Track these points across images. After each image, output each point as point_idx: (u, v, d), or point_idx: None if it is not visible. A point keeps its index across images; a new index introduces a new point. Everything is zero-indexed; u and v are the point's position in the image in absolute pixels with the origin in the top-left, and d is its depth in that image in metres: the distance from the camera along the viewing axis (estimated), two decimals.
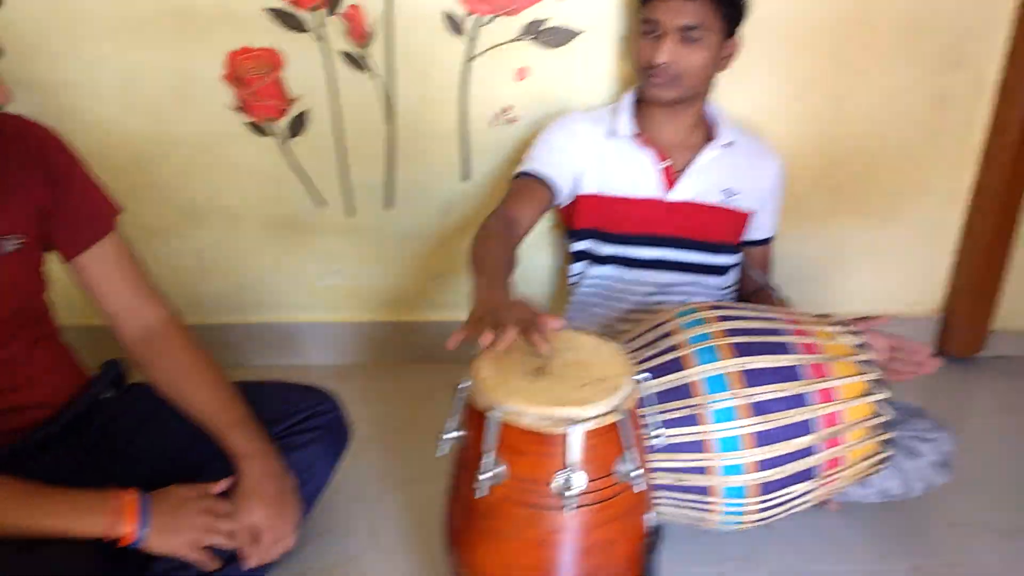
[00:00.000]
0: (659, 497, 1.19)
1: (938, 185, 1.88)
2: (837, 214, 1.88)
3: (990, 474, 1.57)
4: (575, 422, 0.91)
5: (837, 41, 1.70)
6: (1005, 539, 1.39)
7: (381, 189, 1.78)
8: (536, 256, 1.85)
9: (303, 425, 1.23)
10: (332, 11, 1.61)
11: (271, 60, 1.64)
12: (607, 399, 0.94)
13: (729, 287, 1.59)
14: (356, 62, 1.65)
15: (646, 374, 1.04)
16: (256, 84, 1.65)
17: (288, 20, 1.61)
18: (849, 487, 1.30)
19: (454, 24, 1.62)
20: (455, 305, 1.92)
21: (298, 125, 1.70)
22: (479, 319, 0.99)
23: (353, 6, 1.60)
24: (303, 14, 1.60)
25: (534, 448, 0.93)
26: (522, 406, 0.93)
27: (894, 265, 1.95)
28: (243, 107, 1.68)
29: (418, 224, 1.82)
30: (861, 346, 1.21)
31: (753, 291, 1.62)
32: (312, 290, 1.88)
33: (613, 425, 0.94)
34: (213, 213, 1.78)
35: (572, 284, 1.63)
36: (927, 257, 1.96)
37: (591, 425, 0.92)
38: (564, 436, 0.91)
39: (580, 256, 1.58)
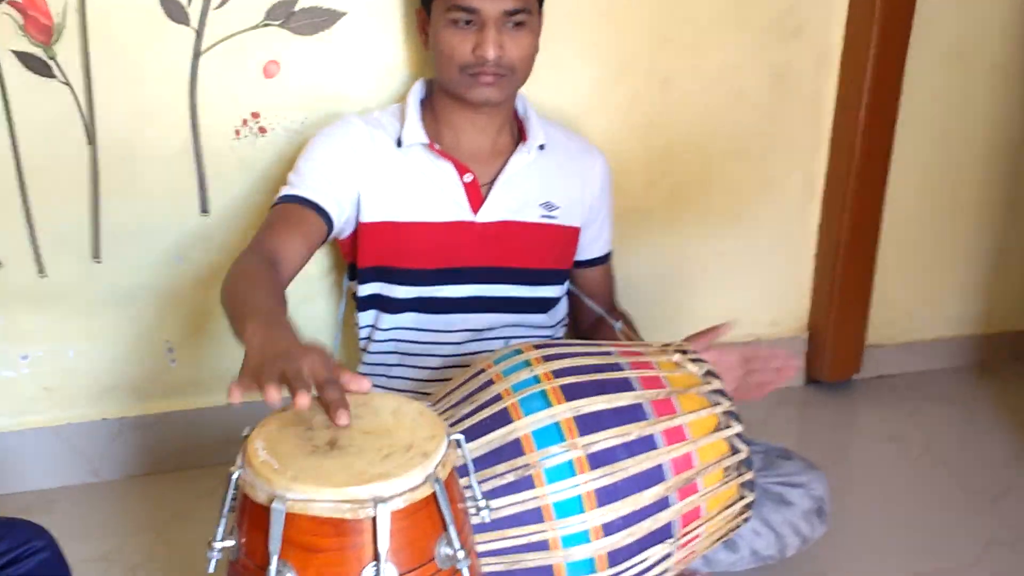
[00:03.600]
0: None
1: (788, 177, 2.20)
2: (674, 221, 2.14)
3: (874, 518, 1.83)
4: (381, 501, 1.00)
5: (657, 14, 1.96)
6: None
7: (85, 235, 1.81)
8: (309, 306, 1.95)
9: (4, 574, 1.24)
10: None
11: None
12: (417, 468, 1.04)
13: (558, 323, 1.77)
14: (38, 65, 1.68)
15: (460, 435, 1.16)
16: None
17: None
18: (714, 552, 1.49)
19: (175, 9, 1.70)
20: (206, 385, 1.97)
21: None
22: (258, 369, 1.05)
23: None
24: None
25: (331, 542, 1.02)
26: (312, 490, 1.01)
27: (747, 277, 2.26)
28: None
29: (141, 278, 1.86)
30: (708, 374, 1.40)
31: (591, 324, 1.81)
32: None
33: (428, 499, 1.05)
34: None
35: (362, 340, 1.74)
36: (785, 264, 2.28)
37: (400, 503, 1.02)
38: (370, 521, 1.00)
39: (369, 303, 1.69)
